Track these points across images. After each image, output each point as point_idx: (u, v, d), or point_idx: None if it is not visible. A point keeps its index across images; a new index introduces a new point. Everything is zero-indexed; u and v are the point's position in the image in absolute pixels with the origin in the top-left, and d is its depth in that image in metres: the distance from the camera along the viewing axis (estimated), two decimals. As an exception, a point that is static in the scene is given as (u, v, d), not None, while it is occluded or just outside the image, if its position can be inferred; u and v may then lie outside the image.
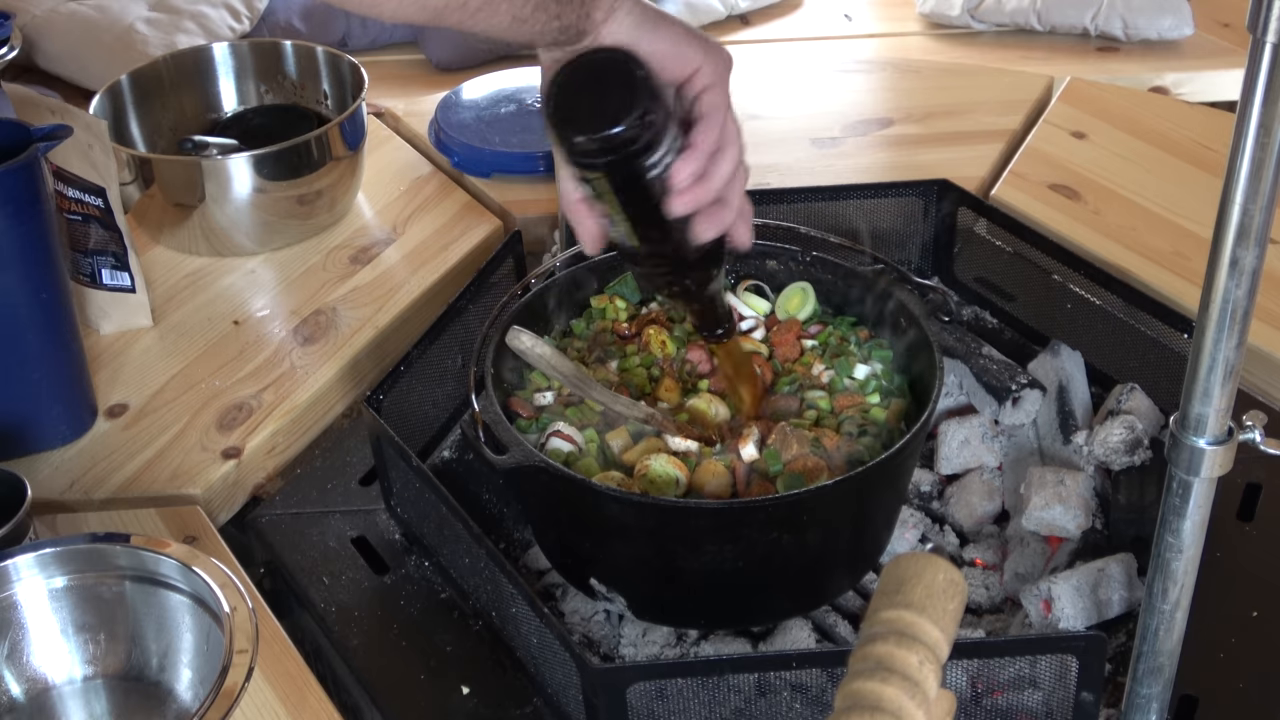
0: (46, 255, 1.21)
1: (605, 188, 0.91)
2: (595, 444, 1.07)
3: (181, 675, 1.02)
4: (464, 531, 1.07)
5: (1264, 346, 1.31)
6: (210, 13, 1.98)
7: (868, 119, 1.76)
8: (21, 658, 1.03)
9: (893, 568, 0.71)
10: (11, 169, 1.14)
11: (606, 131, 0.86)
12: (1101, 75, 1.91)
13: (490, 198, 1.62)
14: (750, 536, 1.00)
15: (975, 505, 1.19)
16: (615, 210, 0.92)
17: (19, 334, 1.21)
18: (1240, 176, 0.74)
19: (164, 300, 1.46)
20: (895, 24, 2.16)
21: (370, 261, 1.52)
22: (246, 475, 1.28)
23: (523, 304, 1.16)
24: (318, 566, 1.18)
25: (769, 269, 1.23)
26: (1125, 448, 1.15)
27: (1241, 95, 0.72)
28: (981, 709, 0.99)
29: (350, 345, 1.40)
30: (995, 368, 1.23)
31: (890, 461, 1.01)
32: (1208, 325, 0.78)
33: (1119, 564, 1.07)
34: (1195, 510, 0.84)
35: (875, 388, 1.12)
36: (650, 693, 0.95)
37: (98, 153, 1.33)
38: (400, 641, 1.12)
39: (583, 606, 1.11)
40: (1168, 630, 0.89)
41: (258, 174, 1.47)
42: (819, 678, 0.97)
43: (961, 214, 1.42)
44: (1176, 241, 1.47)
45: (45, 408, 1.26)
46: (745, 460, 1.05)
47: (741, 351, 1.12)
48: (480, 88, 1.74)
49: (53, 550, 1.03)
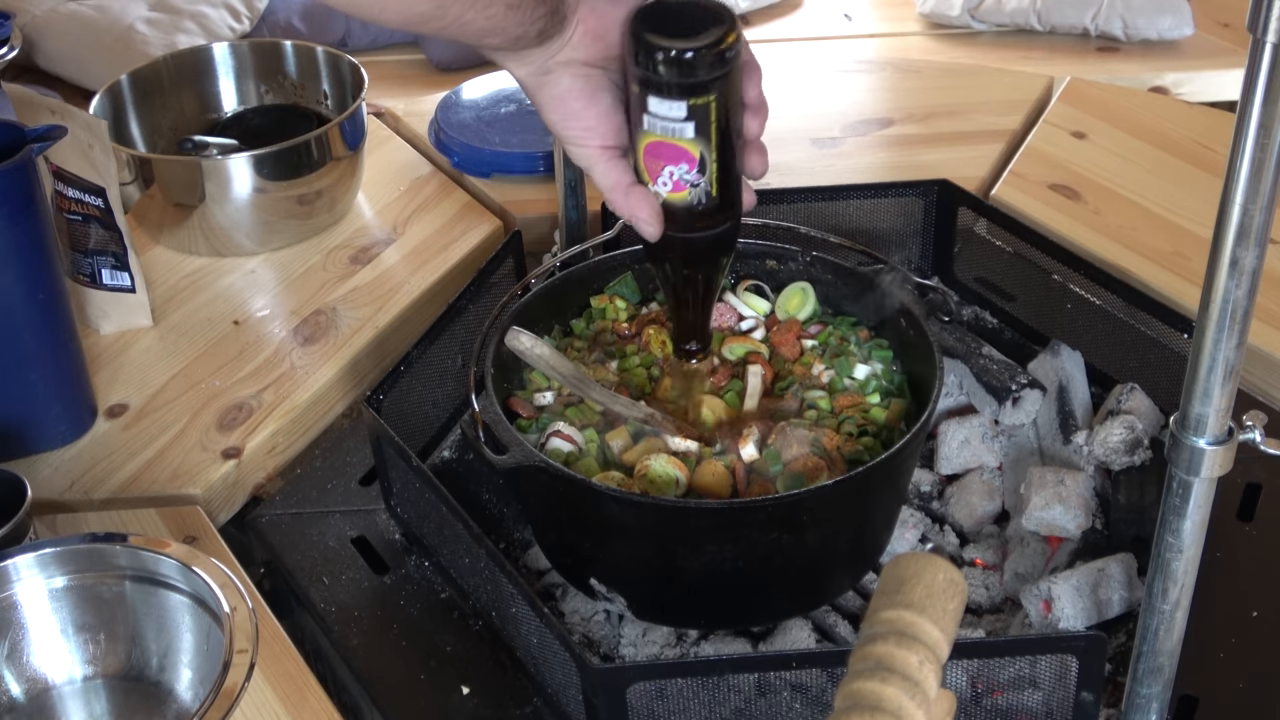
0: (43, 256, 1.21)
1: (711, 114, 0.90)
2: (595, 444, 1.07)
3: (181, 675, 1.02)
4: (464, 531, 1.07)
5: (1264, 346, 1.31)
6: (210, 13, 1.98)
7: (868, 119, 1.76)
8: (21, 658, 1.03)
9: (893, 568, 0.71)
10: (6, 170, 1.14)
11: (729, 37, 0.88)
12: (1101, 75, 1.91)
13: (490, 198, 1.62)
14: (750, 536, 1.00)
15: (975, 505, 1.19)
16: (711, 143, 0.92)
17: (17, 335, 1.21)
18: (1240, 176, 0.74)
19: (164, 300, 1.46)
20: (895, 24, 2.16)
21: (370, 261, 1.52)
22: (246, 475, 1.28)
23: (523, 304, 1.16)
24: (318, 566, 1.18)
25: (769, 269, 1.23)
26: (1125, 448, 1.15)
27: (1241, 95, 0.72)
28: (981, 709, 0.99)
29: (350, 345, 1.40)
30: (995, 368, 1.23)
31: (890, 461, 1.01)
32: (1208, 325, 0.78)
33: (1119, 564, 1.07)
34: (1195, 510, 0.84)
35: (875, 388, 1.12)
36: (650, 693, 0.95)
37: (98, 153, 1.33)
38: (400, 641, 1.12)
39: (583, 606, 1.11)
40: (1168, 630, 0.89)
41: (258, 174, 1.47)
42: (819, 678, 0.97)
43: (961, 214, 1.42)
44: (1176, 241, 1.47)
45: (45, 408, 1.26)
46: (745, 460, 1.05)
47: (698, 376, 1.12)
48: (480, 88, 1.74)
49: (53, 550, 1.03)
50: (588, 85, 0.94)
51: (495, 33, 0.88)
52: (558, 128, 0.96)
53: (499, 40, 0.89)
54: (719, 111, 0.91)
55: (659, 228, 0.96)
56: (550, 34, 0.90)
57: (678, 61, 0.88)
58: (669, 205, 0.96)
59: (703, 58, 0.88)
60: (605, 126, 0.95)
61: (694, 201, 0.95)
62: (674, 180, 0.94)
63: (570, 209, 1.42)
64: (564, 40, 0.91)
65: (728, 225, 0.98)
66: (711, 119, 0.91)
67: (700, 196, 0.95)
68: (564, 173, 1.39)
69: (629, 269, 1.23)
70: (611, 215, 1.37)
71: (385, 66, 2.00)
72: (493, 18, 0.86)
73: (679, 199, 0.95)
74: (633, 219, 0.97)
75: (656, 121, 0.91)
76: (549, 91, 0.94)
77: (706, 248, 0.99)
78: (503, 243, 1.36)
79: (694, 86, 0.89)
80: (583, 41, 0.92)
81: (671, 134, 0.91)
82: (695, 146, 0.92)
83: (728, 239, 0.99)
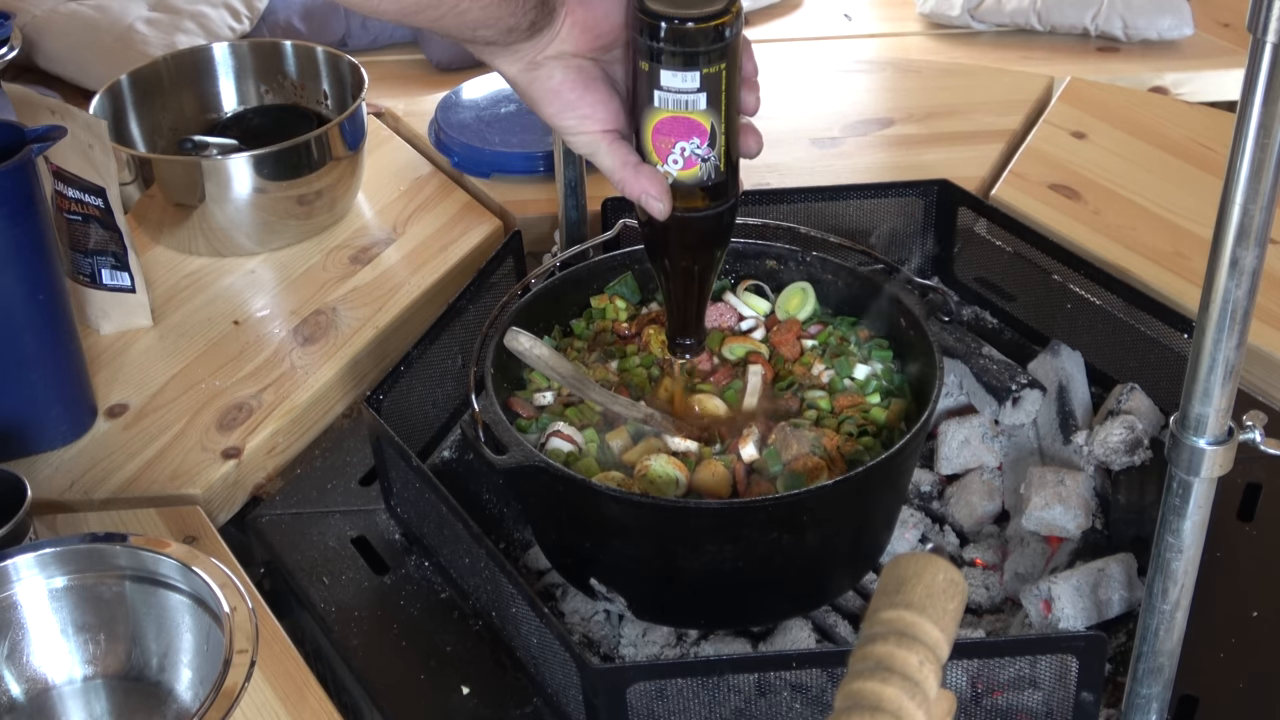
0: (42, 256, 1.21)
1: (723, 83, 0.92)
2: (595, 444, 1.07)
3: (181, 675, 1.02)
4: (464, 531, 1.07)
5: (1264, 346, 1.31)
6: (210, 13, 1.98)
7: (868, 119, 1.76)
8: (21, 658, 1.03)
9: (893, 568, 0.71)
10: (6, 170, 1.14)
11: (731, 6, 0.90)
12: (1101, 75, 1.91)
13: (490, 198, 1.62)
14: (750, 536, 1.00)
15: (975, 505, 1.19)
16: (721, 114, 0.93)
17: (16, 335, 1.21)
18: (1240, 176, 0.74)
19: (164, 300, 1.46)
20: (895, 24, 2.16)
21: (370, 261, 1.52)
22: (246, 475, 1.28)
23: (523, 304, 1.16)
24: (318, 566, 1.18)
25: (769, 269, 1.23)
26: (1125, 448, 1.15)
27: (1241, 95, 0.72)
28: (981, 709, 0.99)
29: (350, 345, 1.40)
30: (995, 368, 1.23)
31: (890, 461, 1.01)
32: (1208, 325, 0.78)
33: (1119, 564, 1.07)
34: (1195, 510, 0.84)
35: (875, 388, 1.12)
36: (650, 693, 0.95)
37: (98, 153, 1.33)
38: (400, 641, 1.12)
39: (583, 606, 1.11)
40: (1168, 630, 0.89)
41: (258, 174, 1.47)
42: (819, 678, 0.97)
43: (961, 214, 1.42)
44: (1176, 241, 1.47)
45: (45, 408, 1.26)
46: (745, 460, 1.05)
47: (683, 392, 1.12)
48: (480, 88, 1.74)
49: (53, 550, 1.03)
50: (580, 75, 0.94)
51: (489, 23, 0.88)
52: (555, 120, 0.96)
53: (492, 32, 0.90)
54: (729, 81, 0.92)
55: (669, 204, 0.97)
56: (540, 25, 0.91)
57: (692, 32, 0.90)
58: (677, 184, 0.97)
59: (715, 27, 0.90)
60: (604, 111, 0.95)
61: (704, 177, 0.96)
62: (685, 157, 0.95)
63: (570, 209, 1.42)
64: (553, 33, 0.92)
65: (730, 203, 0.99)
66: (723, 88, 0.92)
67: (710, 172, 0.96)
68: (564, 173, 1.39)
69: (629, 269, 1.23)
70: (611, 215, 1.38)
71: (385, 66, 1.99)
72: (487, 7, 0.87)
73: (689, 176, 0.96)
74: (642, 196, 0.96)
75: (669, 96, 0.92)
76: (541, 86, 0.94)
77: (710, 228, 1.00)
78: (503, 243, 1.36)
79: (707, 54, 0.91)
80: (571, 34, 0.92)
81: (685, 107, 0.93)
82: (707, 118, 0.93)
83: (729, 220, 1.00)
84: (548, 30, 0.91)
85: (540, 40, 0.92)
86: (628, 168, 0.96)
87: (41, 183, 1.20)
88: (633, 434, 1.08)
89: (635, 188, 0.96)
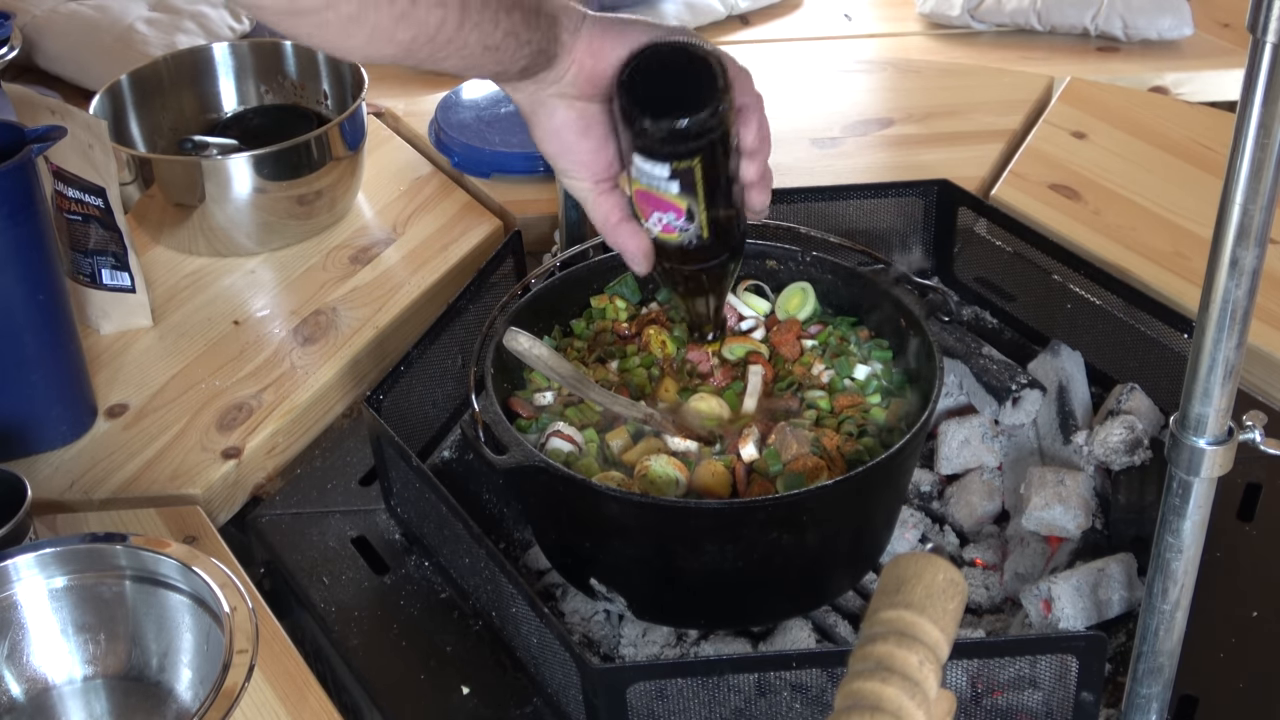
0: (42, 257, 1.21)
1: (696, 176, 0.91)
2: (595, 444, 1.07)
3: (181, 675, 1.02)
4: (464, 531, 1.07)
5: (1264, 346, 1.31)
6: (210, 13, 1.98)
7: (868, 119, 1.76)
8: (21, 658, 1.03)
9: (893, 568, 0.71)
10: (6, 170, 1.14)
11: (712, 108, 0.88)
12: (1101, 75, 1.91)
13: (490, 198, 1.62)
14: (750, 536, 1.00)
15: (975, 505, 1.19)
16: (698, 199, 0.93)
17: (16, 335, 1.21)
18: (1240, 176, 0.74)
19: (164, 300, 1.46)
20: (895, 24, 2.16)
21: (370, 261, 1.52)
22: (246, 475, 1.28)
23: (523, 304, 1.16)
24: (318, 566, 1.18)
25: (769, 269, 1.23)
26: (1125, 448, 1.15)
27: (1241, 95, 0.72)
28: (981, 709, 0.99)
29: (350, 345, 1.40)
30: (995, 368, 1.23)
31: (890, 461, 1.01)
32: (1208, 325, 0.78)
33: (1119, 564, 1.07)
34: (1195, 510, 0.84)
35: (875, 388, 1.12)
36: (650, 693, 0.95)
37: (98, 153, 1.33)
38: (400, 641, 1.12)
39: (583, 606, 1.11)
40: (1168, 630, 0.89)
41: (258, 174, 1.47)
42: (819, 678, 0.97)
43: (961, 214, 1.42)
44: (1176, 241, 1.47)
45: (45, 408, 1.26)
46: (745, 460, 1.05)
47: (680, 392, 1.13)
48: (480, 88, 1.74)
49: (53, 550, 1.03)
50: (581, 118, 0.95)
51: (473, 70, 0.89)
52: (551, 160, 0.98)
53: (478, 75, 0.91)
54: (705, 171, 0.91)
55: (646, 265, 0.99)
56: (534, 70, 0.91)
57: (657, 132, 0.89)
58: (660, 243, 0.97)
59: (682, 130, 0.89)
60: (598, 162, 0.97)
61: (685, 243, 0.97)
62: (663, 224, 0.96)
63: (570, 209, 1.42)
64: (556, 75, 0.93)
65: (723, 258, 0.99)
66: (697, 179, 0.92)
67: (691, 239, 0.96)
68: (564, 173, 1.39)
69: (629, 269, 1.22)
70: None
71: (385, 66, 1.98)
72: (468, 58, 0.87)
73: (669, 239, 0.97)
74: (621, 252, 1.00)
75: (642, 175, 0.93)
76: (544, 122, 0.96)
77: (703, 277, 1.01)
78: (503, 243, 1.36)
79: (674, 153, 0.90)
80: (577, 80, 0.93)
81: (657, 189, 0.93)
82: (682, 201, 0.93)
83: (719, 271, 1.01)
84: (546, 73, 0.92)
85: (540, 80, 0.93)
86: (608, 225, 0.99)
87: (41, 183, 1.20)
88: (633, 434, 1.08)
89: (614, 244, 0.99)
